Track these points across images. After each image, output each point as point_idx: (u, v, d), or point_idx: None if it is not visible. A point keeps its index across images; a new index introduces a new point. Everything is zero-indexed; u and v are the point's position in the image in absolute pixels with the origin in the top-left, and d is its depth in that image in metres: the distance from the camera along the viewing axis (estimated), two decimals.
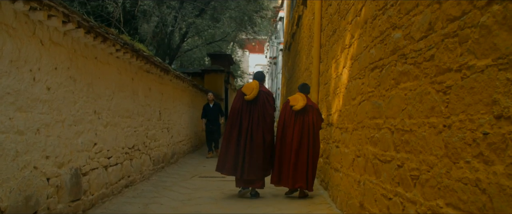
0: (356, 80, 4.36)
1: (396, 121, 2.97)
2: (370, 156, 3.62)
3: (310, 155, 5.57)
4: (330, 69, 6.15)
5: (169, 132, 7.86)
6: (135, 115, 5.84)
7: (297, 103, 5.61)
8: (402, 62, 2.91)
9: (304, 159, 5.51)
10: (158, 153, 7.11)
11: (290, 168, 5.47)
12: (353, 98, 4.42)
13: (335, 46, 5.80)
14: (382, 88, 3.37)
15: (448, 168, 2.13)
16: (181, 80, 8.39)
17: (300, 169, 5.47)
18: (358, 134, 4.13)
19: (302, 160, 5.49)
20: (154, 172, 6.85)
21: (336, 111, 5.42)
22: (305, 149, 5.53)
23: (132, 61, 5.52)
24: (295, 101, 5.67)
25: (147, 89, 6.40)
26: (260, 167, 5.42)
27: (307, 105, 5.64)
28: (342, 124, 4.95)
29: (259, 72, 6.06)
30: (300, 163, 5.48)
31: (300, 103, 5.59)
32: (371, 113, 3.65)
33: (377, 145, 3.43)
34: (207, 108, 10.15)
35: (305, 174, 5.48)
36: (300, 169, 5.47)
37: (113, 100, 5.00)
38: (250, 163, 5.34)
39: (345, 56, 5.04)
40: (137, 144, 5.94)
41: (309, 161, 5.54)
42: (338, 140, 5.18)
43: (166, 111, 7.63)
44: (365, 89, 3.92)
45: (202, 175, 7.41)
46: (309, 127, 5.59)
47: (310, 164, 5.55)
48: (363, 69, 4.06)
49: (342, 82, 5.13)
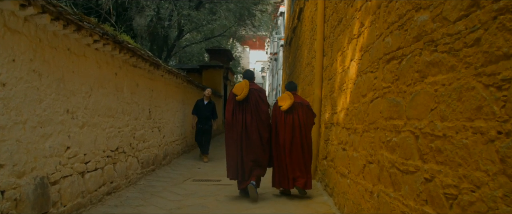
0: (367, 74, 3.78)
1: (423, 123, 2.40)
2: (386, 163, 3.05)
3: (305, 153, 5.55)
4: (335, 63, 5.58)
5: (160, 131, 7.29)
6: (120, 114, 5.27)
7: (284, 103, 5.57)
8: (430, 50, 2.33)
9: (298, 157, 5.48)
10: (148, 155, 6.55)
11: (287, 169, 5.44)
12: (364, 95, 3.85)
13: (341, 37, 5.22)
14: (401, 83, 2.80)
15: (508, 191, 1.56)
16: (174, 75, 7.82)
17: (296, 168, 5.44)
18: (369, 136, 3.56)
19: (296, 159, 5.47)
20: (143, 175, 6.29)
21: (343, 109, 4.85)
22: (299, 148, 5.51)
23: (115, 54, 4.95)
24: (283, 101, 5.63)
25: (134, 86, 5.83)
26: (257, 164, 5.36)
27: (295, 103, 5.58)
28: (350, 124, 4.38)
29: (248, 71, 5.99)
30: (295, 163, 5.45)
31: (286, 102, 5.55)
32: (387, 112, 3.08)
33: (395, 151, 2.86)
34: (200, 104, 8.90)
35: (302, 173, 5.45)
36: (297, 168, 5.44)
37: (92, 98, 4.43)
38: (247, 162, 5.28)
39: (353, 48, 4.47)
40: (122, 145, 5.38)
41: (305, 159, 5.52)
42: (345, 142, 4.61)
43: (157, 109, 7.06)
44: (379, 84, 3.35)
45: (196, 178, 6.85)
46: (300, 125, 5.56)
47: (307, 161, 5.54)
48: (375, 62, 3.49)
49: (349, 77, 4.56)
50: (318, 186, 6.10)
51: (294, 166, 5.44)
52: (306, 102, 5.79)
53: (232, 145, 5.37)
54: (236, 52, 32.78)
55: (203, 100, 8.99)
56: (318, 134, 6.60)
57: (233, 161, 5.35)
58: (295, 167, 5.44)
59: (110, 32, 4.64)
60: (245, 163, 5.27)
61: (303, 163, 5.48)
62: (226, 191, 5.74)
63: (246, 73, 5.87)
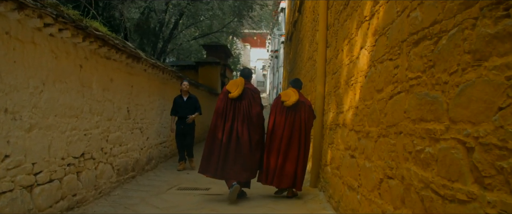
0: (383, 63, 2.97)
1: (481, 128, 1.58)
2: (414, 182, 2.23)
3: (301, 154, 5.30)
4: (340, 55, 4.77)
5: (142, 133, 6.48)
6: (86, 114, 4.46)
7: (288, 99, 5.31)
8: (495, 16, 1.52)
9: (293, 157, 5.25)
10: (126, 160, 5.73)
11: (277, 166, 5.22)
12: (379, 90, 3.04)
13: (348, 23, 4.41)
14: (439, 71, 1.99)
15: None
16: (160, 70, 7.00)
17: (288, 168, 5.22)
18: (389, 143, 2.74)
19: (291, 159, 5.23)
20: (119, 184, 5.48)
21: (350, 108, 4.03)
22: (296, 147, 5.27)
23: (78, 43, 4.14)
24: (287, 97, 5.36)
25: (107, 81, 5.02)
26: (245, 168, 5.05)
27: (299, 101, 5.34)
28: (360, 126, 3.57)
29: (246, 69, 5.73)
30: (289, 162, 5.23)
31: (292, 98, 5.30)
32: (416, 111, 2.26)
33: (430, 166, 2.04)
34: (179, 102, 7.45)
35: (293, 173, 5.22)
36: (288, 168, 5.22)
37: (44, 94, 3.63)
38: (234, 163, 5.01)
39: (363, 33, 3.65)
40: (90, 150, 4.57)
41: (299, 159, 5.28)
42: (354, 148, 3.80)
43: (138, 108, 6.25)
44: (402, 75, 2.53)
45: (182, 186, 6.04)
46: (301, 124, 5.32)
47: (300, 163, 5.29)
48: (396, 46, 2.68)
49: (359, 68, 3.74)
50: (321, 197, 5.29)
51: (287, 165, 5.22)
52: (308, 102, 5.54)
53: (216, 143, 5.07)
54: (236, 49, 31.95)
55: (182, 97, 7.52)
56: (321, 136, 5.78)
57: (213, 158, 5.05)
58: (287, 167, 5.21)
59: (71, 15, 3.83)
60: (229, 163, 5.01)
61: (296, 163, 5.25)
62: (215, 203, 4.94)
63: (243, 71, 5.61)
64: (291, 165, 5.23)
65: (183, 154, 7.53)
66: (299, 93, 5.46)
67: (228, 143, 5.03)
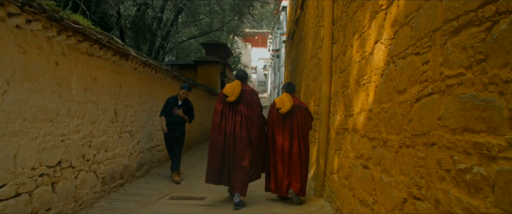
0: (406, 59, 2.47)
1: None
2: (457, 210, 1.73)
3: (303, 158, 5.25)
4: (349, 51, 4.27)
5: (132, 136, 5.97)
6: (64, 117, 3.97)
7: (283, 106, 5.23)
8: None
9: (297, 163, 5.19)
10: (112, 167, 5.23)
11: (284, 174, 5.16)
12: (401, 91, 2.54)
13: (358, 15, 3.91)
14: (496, 67, 1.49)
15: None
16: (152, 69, 6.50)
17: (293, 174, 5.16)
18: (415, 155, 2.24)
19: (295, 165, 5.19)
20: (104, 194, 4.98)
21: (363, 111, 3.53)
22: (297, 153, 5.21)
23: (52, 36, 3.65)
24: (282, 104, 5.28)
25: (89, 80, 4.53)
26: (245, 171, 4.99)
27: (294, 106, 5.26)
28: (376, 133, 3.06)
29: (241, 71, 5.72)
30: (293, 168, 5.18)
31: (286, 105, 5.21)
32: (458, 119, 1.75)
33: (482, 192, 1.53)
34: (172, 103, 6.56)
35: (299, 179, 5.14)
36: (294, 174, 5.16)
37: (8, 96, 3.13)
38: (234, 166, 4.99)
39: (378, 25, 3.15)
40: (69, 158, 4.08)
41: (302, 164, 5.21)
42: (367, 157, 3.30)
43: (127, 109, 5.75)
44: (435, 72, 2.03)
45: (175, 195, 5.54)
46: (299, 129, 5.25)
47: (304, 168, 5.24)
48: (425, 37, 2.18)
49: (373, 65, 3.24)
50: (327, 208, 4.79)
51: (292, 172, 5.17)
52: (304, 105, 5.48)
53: (217, 149, 5.04)
54: (237, 48, 31.42)
55: (177, 99, 6.65)
56: (327, 141, 5.28)
57: (217, 165, 5.03)
58: (293, 174, 5.16)
59: (44, 5, 3.33)
60: (230, 167, 4.98)
61: (299, 169, 5.18)
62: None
63: (238, 73, 5.57)
64: (295, 171, 5.17)
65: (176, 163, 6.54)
66: (294, 98, 5.38)
67: (229, 148, 5.00)
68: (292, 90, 5.55)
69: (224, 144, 5.01)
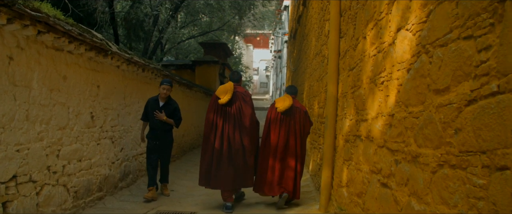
0: (448, 46, 1.81)
1: None
2: None
3: (298, 160, 5.16)
4: (361, 44, 3.61)
5: (114, 143, 5.31)
6: (21, 122, 3.32)
7: (281, 105, 5.19)
8: None
9: (291, 164, 5.10)
10: (88, 179, 4.57)
11: (275, 174, 5.06)
12: (441, 90, 1.87)
13: (372, 1, 3.25)
14: None
15: None
16: (138, 67, 5.85)
17: (286, 175, 5.08)
18: (468, 181, 1.57)
19: (289, 166, 5.09)
20: (78, 210, 4.31)
21: (380, 115, 2.87)
22: (293, 154, 5.12)
23: (3, 25, 3.01)
24: (280, 103, 5.24)
25: (57, 78, 3.88)
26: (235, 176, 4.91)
27: (293, 107, 5.21)
28: (400, 143, 2.40)
29: (234, 73, 5.57)
30: (287, 169, 5.10)
31: (285, 103, 5.17)
32: None
33: None
34: (153, 106, 5.49)
35: (292, 181, 5.06)
36: (287, 175, 5.08)
37: None
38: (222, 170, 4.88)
39: (403, 7, 2.49)
40: (27, 171, 3.42)
41: (296, 166, 5.13)
42: (387, 173, 2.63)
43: (108, 113, 5.09)
44: (506, 61, 1.36)
45: (161, 209, 4.89)
46: (295, 131, 5.18)
47: (298, 170, 5.15)
48: (482, 13, 1.51)
49: (396, 59, 2.58)
50: None
51: (285, 172, 5.08)
52: (304, 108, 5.38)
53: (209, 152, 4.96)
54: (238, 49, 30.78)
55: (158, 101, 5.54)
56: (333, 148, 4.62)
57: (208, 167, 4.95)
58: (286, 174, 5.07)
59: None
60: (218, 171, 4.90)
61: (294, 171, 5.09)
62: None
63: (232, 75, 5.43)
64: (289, 172, 5.09)
65: (153, 177, 5.43)
66: (294, 100, 5.35)
67: (221, 150, 4.92)
68: (294, 92, 5.52)
69: (214, 146, 4.96)
